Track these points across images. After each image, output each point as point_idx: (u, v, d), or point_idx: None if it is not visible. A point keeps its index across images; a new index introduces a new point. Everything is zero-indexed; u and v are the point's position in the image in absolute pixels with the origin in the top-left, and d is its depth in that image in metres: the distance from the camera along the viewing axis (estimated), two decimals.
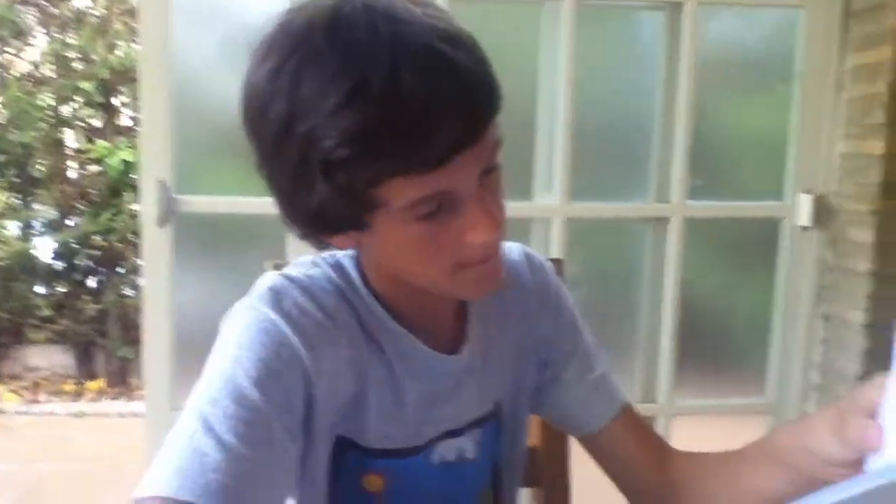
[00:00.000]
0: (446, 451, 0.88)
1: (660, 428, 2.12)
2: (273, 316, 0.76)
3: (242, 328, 0.76)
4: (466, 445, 0.90)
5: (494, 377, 0.92)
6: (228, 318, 0.79)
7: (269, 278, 0.81)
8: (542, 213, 2.03)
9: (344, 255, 0.86)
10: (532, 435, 1.18)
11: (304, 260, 0.86)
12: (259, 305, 0.77)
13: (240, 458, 0.68)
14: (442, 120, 0.66)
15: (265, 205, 0.80)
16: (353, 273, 0.84)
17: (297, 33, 0.68)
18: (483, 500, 0.95)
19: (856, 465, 0.66)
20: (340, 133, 0.65)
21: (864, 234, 1.98)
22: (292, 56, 0.68)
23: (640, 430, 0.98)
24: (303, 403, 0.76)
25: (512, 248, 0.98)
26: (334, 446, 0.82)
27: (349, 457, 0.83)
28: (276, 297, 0.78)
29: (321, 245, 0.81)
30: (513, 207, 2.16)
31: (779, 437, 0.81)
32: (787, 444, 0.77)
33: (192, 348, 1.89)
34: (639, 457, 0.96)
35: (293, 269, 0.83)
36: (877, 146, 1.93)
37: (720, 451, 0.92)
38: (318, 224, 0.76)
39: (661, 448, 0.97)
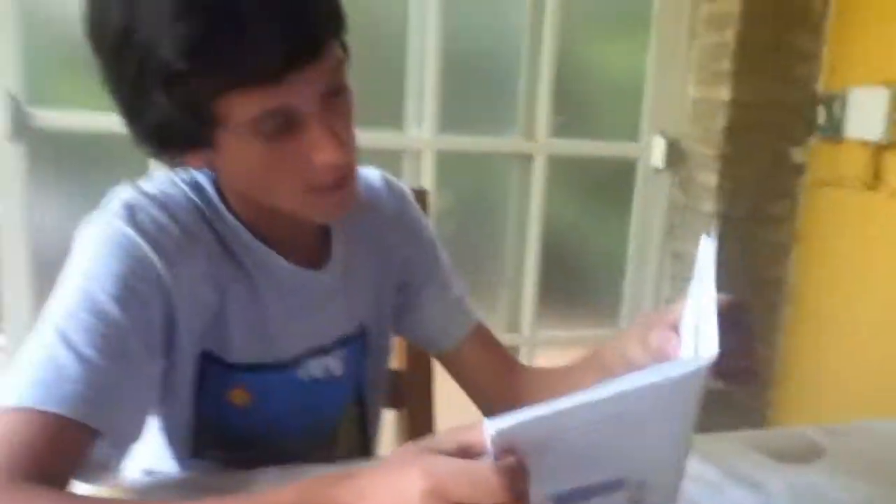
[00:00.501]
0: (314, 368, 0.91)
1: (523, 357, 2.23)
2: (129, 231, 0.76)
3: (98, 243, 0.76)
4: (333, 363, 0.93)
5: (358, 297, 0.95)
6: (82, 233, 0.79)
7: (124, 193, 0.81)
8: (413, 144, 2.06)
9: (201, 174, 0.85)
10: (397, 358, 1.23)
11: (161, 176, 0.85)
12: (114, 220, 0.77)
13: (98, 369, 0.70)
14: (275, 32, 0.67)
15: None
16: (211, 190, 0.84)
17: None
18: (347, 414, 0.99)
19: None
20: (176, 43, 0.65)
21: (709, 177, 2.13)
22: None
23: (491, 347, 1.05)
24: (162, 319, 0.77)
25: (372, 175, 1.00)
26: (199, 361, 0.83)
27: (214, 372, 0.84)
28: (132, 213, 0.78)
29: (175, 164, 0.81)
30: (383, 138, 2.17)
31: (604, 348, 0.89)
32: (608, 353, 0.85)
33: (52, 272, 1.81)
34: (489, 371, 1.03)
35: (148, 185, 0.83)
36: (723, 93, 2.06)
37: (558, 365, 1.00)
38: (163, 140, 0.75)
39: (508, 363, 1.05)
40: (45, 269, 1.83)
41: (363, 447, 1.04)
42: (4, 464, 0.63)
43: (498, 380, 1.03)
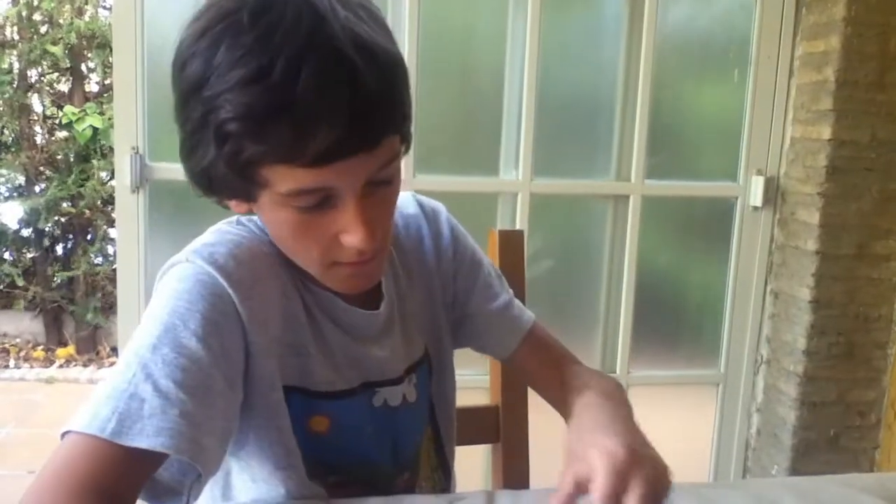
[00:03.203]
0: (389, 396, 0.95)
1: None
2: (208, 268, 0.80)
3: (181, 280, 0.80)
4: (407, 390, 0.97)
5: (414, 323, 0.99)
6: (164, 272, 0.83)
7: (206, 234, 0.86)
8: (508, 188, 2.10)
9: None
10: (492, 393, 1.26)
11: (241, 219, 0.89)
12: (195, 258, 0.81)
13: (177, 403, 0.72)
14: (327, 124, 0.69)
15: None
16: None
17: (229, 5, 0.72)
18: (425, 438, 1.02)
19: None
20: (235, 108, 0.69)
21: (810, 215, 2.09)
22: (218, 24, 0.71)
23: (542, 350, 1.06)
24: (241, 353, 0.81)
25: (406, 200, 1.03)
26: (279, 392, 0.86)
27: (295, 402, 0.88)
28: (211, 251, 0.81)
29: (221, 205, 0.84)
30: (480, 182, 2.23)
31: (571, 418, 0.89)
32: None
33: None
34: (543, 375, 1.05)
35: (228, 226, 0.88)
36: (824, 131, 2.03)
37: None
38: (210, 186, 0.79)
39: (558, 364, 1.05)
40: None
41: (442, 467, 1.05)
42: (69, 491, 0.67)
43: (551, 383, 1.03)
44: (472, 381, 1.10)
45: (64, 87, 5.02)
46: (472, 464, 1.15)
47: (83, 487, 0.67)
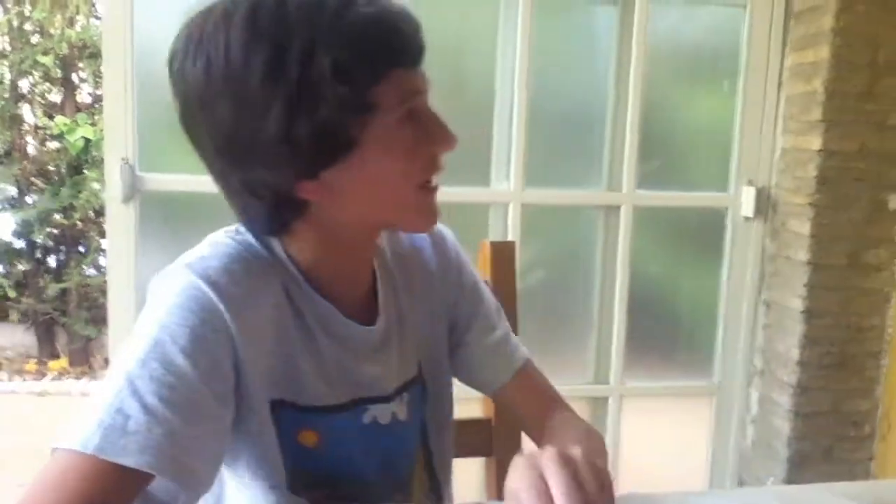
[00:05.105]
0: (379, 413, 0.94)
1: (611, 407, 2.22)
2: (200, 283, 0.79)
3: (171, 294, 0.79)
4: (398, 409, 0.96)
5: (412, 344, 0.98)
6: (157, 283, 0.83)
7: (202, 246, 0.86)
8: (499, 198, 2.10)
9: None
10: (484, 406, 1.25)
11: (230, 229, 0.89)
12: (187, 272, 0.80)
13: (162, 421, 0.72)
14: (414, 28, 0.80)
15: None
16: (275, 244, 0.88)
17: None
18: (417, 458, 1.01)
19: None
20: (343, 35, 0.74)
21: (802, 225, 2.09)
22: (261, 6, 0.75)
23: (532, 389, 1.06)
24: (231, 369, 0.80)
25: None
26: (271, 406, 0.86)
27: (285, 415, 0.87)
28: (205, 265, 0.81)
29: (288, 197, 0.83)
30: (471, 193, 2.22)
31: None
32: None
33: None
34: (528, 414, 1.05)
35: (220, 237, 0.87)
36: (814, 142, 2.04)
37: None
38: (312, 147, 0.77)
39: (546, 405, 1.05)
40: None
41: (434, 491, 1.04)
42: None
43: (535, 423, 1.03)
44: (465, 393, 1.09)
45: (55, 97, 5.01)
46: (465, 478, 1.14)
47: (69, 502, 0.68)
